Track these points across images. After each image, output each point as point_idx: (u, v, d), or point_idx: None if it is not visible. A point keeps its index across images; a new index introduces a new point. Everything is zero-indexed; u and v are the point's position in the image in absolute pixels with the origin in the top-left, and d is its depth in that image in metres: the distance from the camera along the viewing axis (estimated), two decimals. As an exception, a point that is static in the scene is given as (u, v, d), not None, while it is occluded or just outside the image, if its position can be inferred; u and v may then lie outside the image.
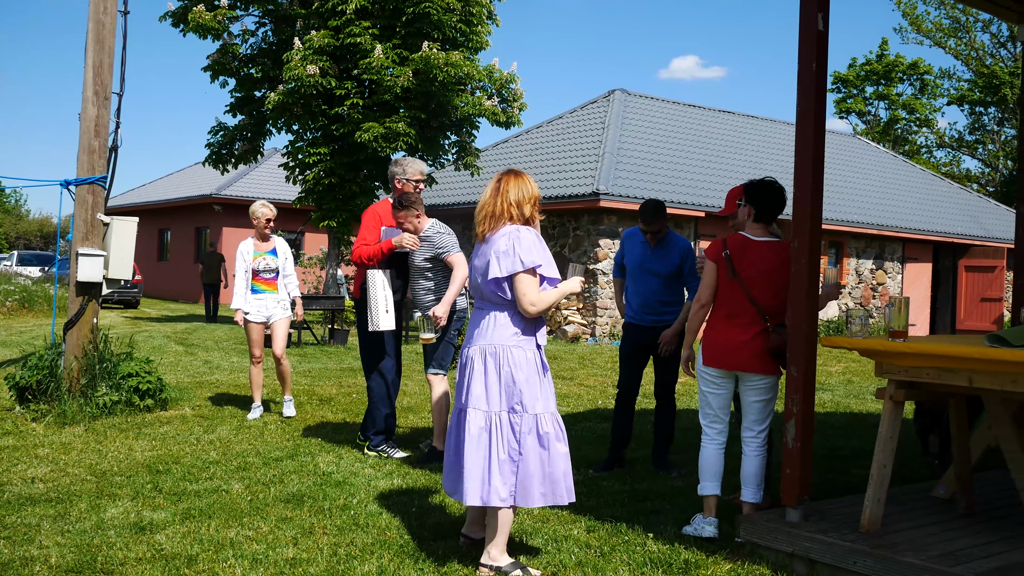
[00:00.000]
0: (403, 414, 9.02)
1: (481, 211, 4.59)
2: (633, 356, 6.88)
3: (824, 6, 4.90)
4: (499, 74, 19.45)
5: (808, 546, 4.56)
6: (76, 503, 5.49)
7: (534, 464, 4.41)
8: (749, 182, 5.31)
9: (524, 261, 4.41)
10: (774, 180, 5.25)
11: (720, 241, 5.21)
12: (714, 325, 5.18)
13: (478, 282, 4.59)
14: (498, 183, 4.58)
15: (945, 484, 5.44)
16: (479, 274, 4.57)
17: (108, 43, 8.64)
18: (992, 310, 25.36)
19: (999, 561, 4.25)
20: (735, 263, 5.10)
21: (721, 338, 5.12)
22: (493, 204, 4.56)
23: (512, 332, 4.49)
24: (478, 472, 4.38)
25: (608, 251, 19.75)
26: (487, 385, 4.46)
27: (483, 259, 4.55)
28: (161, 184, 41.43)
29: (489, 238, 4.55)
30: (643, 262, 6.73)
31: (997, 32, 42.57)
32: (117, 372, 8.60)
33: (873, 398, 11.31)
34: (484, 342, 4.51)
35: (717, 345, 5.12)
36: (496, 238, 4.52)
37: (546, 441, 4.44)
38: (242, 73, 19.63)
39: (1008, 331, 4.33)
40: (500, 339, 4.48)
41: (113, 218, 8.64)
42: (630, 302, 6.85)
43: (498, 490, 4.36)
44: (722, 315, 5.16)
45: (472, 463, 4.39)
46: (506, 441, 4.40)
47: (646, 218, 6.64)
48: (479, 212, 4.61)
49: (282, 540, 4.87)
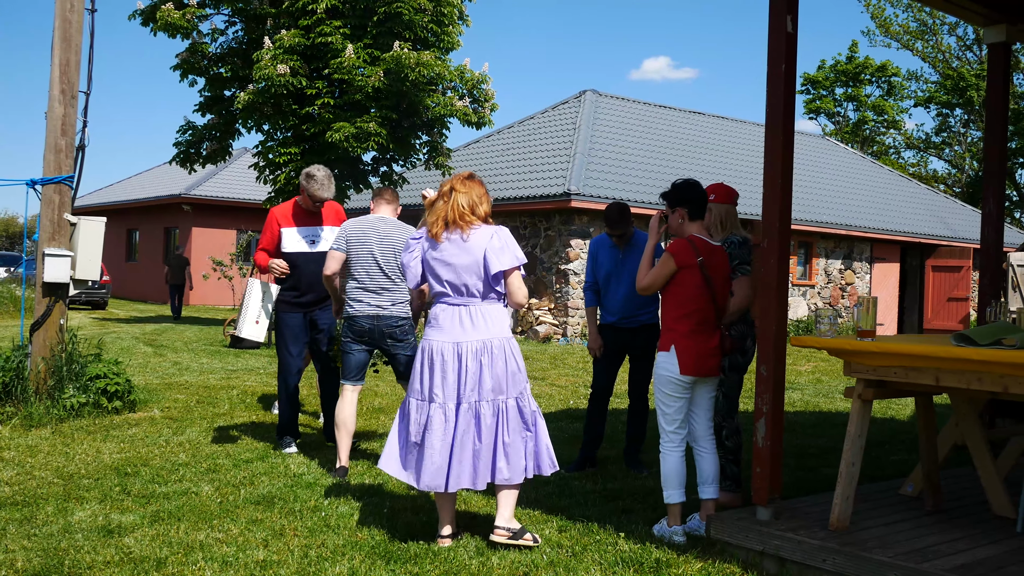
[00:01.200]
0: (375, 415, 9.00)
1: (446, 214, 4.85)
2: (609, 357, 6.89)
3: (793, 8, 4.94)
4: (470, 74, 19.43)
5: (778, 544, 4.59)
6: (43, 506, 5.43)
7: (541, 439, 4.91)
8: (666, 190, 5.24)
9: (518, 257, 4.81)
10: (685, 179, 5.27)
11: (686, 244, 5.05)
12: (688, 334, 5.02)
13: (459, 277, 4.79)
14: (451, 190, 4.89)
15: (913, 482, 5.50)
16: (464, 269, 4.78)
17: (75, 41, 8.56)
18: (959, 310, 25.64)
19: (966, 557, 4.30)
20: (706, 269, 5.05)
21: (700, 346, 5.02)
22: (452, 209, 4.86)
23: (506, 324, 4.90)
24: (518, 455, 4.80)
25: (580, 251, 19.79)
26: (495, 376, 4.78)
27: (468, 256, 4.77)
28: (129, 184, 41.07)
29: (465, 237, 4.79)
30: (615, 266, 6.75)
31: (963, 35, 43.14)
32: (85, 374, 8.52)
33: (842, 397, 11.41)
34: (479, 336, 4.78)
35: (696, 353, 5.01)
36: (477, 236, 4.78)
37: (537, 417, 4.94)
38: (211, 72, 19.49)
39: (974, 330, 4.38)
40: (499, 332, 4.83)
41: (80, 218, 8.55)
42: (606, 305, 6.84)
43: (526, 467, 4.85)
44: (695, 322, 5.02)
45: (514, 449, 4.79)
46: (518, 423, 4.84)
47: (611, 222, 6.67)
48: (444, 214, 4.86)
49: (252, 542, 4.84)
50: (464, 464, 4.76)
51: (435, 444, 4.75)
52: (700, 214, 5.17)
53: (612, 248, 6.79)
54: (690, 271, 5.02)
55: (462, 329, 4.79)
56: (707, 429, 5.20)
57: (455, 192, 4.85)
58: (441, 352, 4.80)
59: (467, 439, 4.76)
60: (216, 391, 10.38)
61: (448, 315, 4.83)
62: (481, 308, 4.81)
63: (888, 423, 9.50)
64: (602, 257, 6.84)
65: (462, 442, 4.75)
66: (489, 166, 24.37)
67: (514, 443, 4.79)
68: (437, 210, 4.87)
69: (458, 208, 4.81)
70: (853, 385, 4.80)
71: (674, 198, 5.18)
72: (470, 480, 4.77)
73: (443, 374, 4.78)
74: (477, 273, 4.78)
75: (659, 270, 5.08)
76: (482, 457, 4.78)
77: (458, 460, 4.76)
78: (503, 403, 4.79)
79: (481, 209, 4.86)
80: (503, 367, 4.80)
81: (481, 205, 4.86)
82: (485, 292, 4.81)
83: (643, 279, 5.15)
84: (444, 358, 4.79)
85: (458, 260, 4.78)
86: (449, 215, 4.81)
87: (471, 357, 4.76)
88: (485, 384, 4.76)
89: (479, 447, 4.77)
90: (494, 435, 4.78)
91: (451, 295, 4.83)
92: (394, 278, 6.37)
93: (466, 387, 4.76)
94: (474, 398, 4.76)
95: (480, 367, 4.76)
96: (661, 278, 5.08)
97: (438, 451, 4.75)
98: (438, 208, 4.87)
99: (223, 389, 10.57)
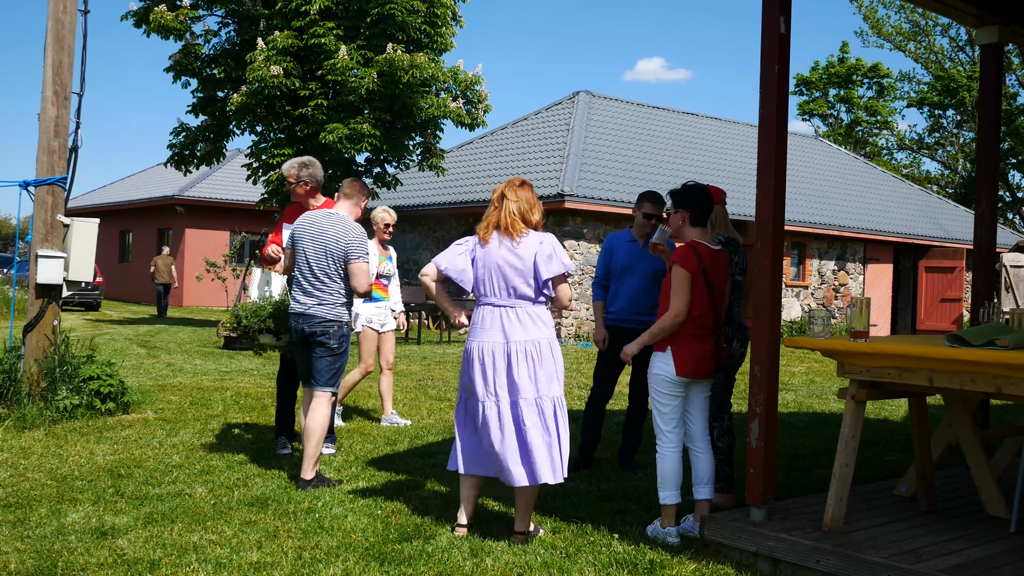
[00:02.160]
0: (368, 416, 8.99)
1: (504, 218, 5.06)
2: (611, 362, 6.83)
3: (786, 9, 4.95)
4: (464, 76, 19.44)
5: (772, 545, 4.59)
6: (36, 508, 5.42)
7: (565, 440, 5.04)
8: (675, 189, 5.27)
9: (565, 264, 5.03)
10: (696, 182, 5.27)
11: (689, 251, 5.05)
12: (686, 337, 5.02)
13: (508, 281, 4.99)
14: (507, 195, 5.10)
15: (907, 482, 5.51)
16: (514, 274, 4.98)
17: (68, 42, 8.53)
18: (952, 310, 25.71)
19: (960, 558, 4.31)
20: (709, 274, 5.06)
21: (697, 349, 5.03)
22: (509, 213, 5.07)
23: (551, 326, 5.08)
24: (544, 455, 4.92)
25: (574, 252, 19.79)
26: (536, 377, 4.95)
27: (519, 261, 4.98)
28: (122, 185, 40.99)
29: (516, 243, 5.00)
30: (632, 260, 6.75)
31: (956, 36, 43.21)
32: (78, 375, 8.50)
33: (835, 398, 11.43)
34: (528, 336, 4.96)
35: (693, 356, 5.02)
36: (527, 242, 5.00)
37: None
38: (204, 73, 19.47)
39: (967, 331, 4.39)
40: (544, 334, 5.01)
41: (73, 219, 8.53)
42: (616, 300, 6.80)
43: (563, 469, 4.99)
44: (696, 327, 5.03)
45: (538, 448, 4.91)
46: (556, 424, 4.98)
47: (655, 199, 6.72)
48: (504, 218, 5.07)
49: (246, 544, 4.83)
50: (522, 458, 4.93)
51: (490, 437, 4.95)
52: (703, 221, 5.19)
53: (630, 243, 6.82)
54: (696, 277, 5.03)
55: (511, 329, 4.97)
56: (703, 430, 5.20)
57: (506, 199, 5.05)
58: (492, 352, 4.97)
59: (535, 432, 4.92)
60: (210, 392, 10.36)
61: (495, 316, 5.02)
62: (528, 310, 5.01)
63: (882, 424, 9.52)
64: (619, 252, 6.84)
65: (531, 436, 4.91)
66: (482, 167, 24.36)
67: (555, 441, 4.97)
68: (489, 215, 5.09)
69: (510, 215, 5.02)
70: (847, 386, 4.81)
71: (681, 200, 5.19)
72: (528, 476, 4.92)
73: (495, 372, 4.97)
74: (526, 278, 4.99)
75: (680, 288, 5.01)
76: (535, 452, 4.92)
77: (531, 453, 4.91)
78: (549, 401, 4.97)
79: (532, 217, 5.06)
80: (552, 366, 5.00)
81: (531, 212, 5.06)
82: (534, 296, 5.02)
83: (674, 306, 5.01)
84: (495, 357, 4.97)
85: (509, 265, 4.99)
86: (502, 221, 5.03)
87: (522, 356, 4.94)
88: (541, 380, 4.95)
89: (533, 442, 4.92)
90: (541, 431, 4.94)
91: (498, 297, 5.03)
92: (323, 278, 6.05)
93: (520, 385, 4.92)
94: (532, 395, 4.93)
95: (532, 365, 4.94)
96: (687, 293, 5.01)
97: (494, 443, 4.95)
98: (490, 213, 5.09)
99: (217, 390, 10.55)
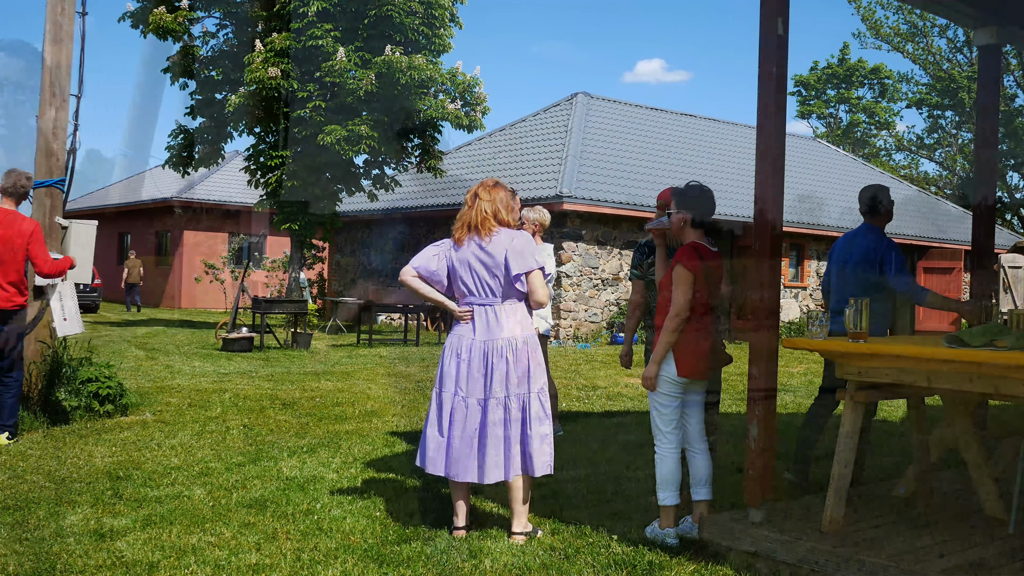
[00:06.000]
0: (367, 418, 8.99)
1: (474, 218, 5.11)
2: None
3: (784, 10, 4.95)
4: (462, 77, 19.45)
5: (771, 546, 4.59)
6: (34, 510, 5.41)
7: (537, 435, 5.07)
8: (679, 188, 5.25)
9: (536, 260, 5.10)
10: (699, 183, 5.25)
11: (691, 251, 5.05)
12: (688, 339, 5.03)
13: (482, 279, 5.05)
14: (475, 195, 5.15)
15: (905, 483, 5.50)
16: (486, 272, 5.03)
17: (66, 44, 8.53)
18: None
19: (959, 559, 4.31)
20: (709, 274, 5.06)
21: (697, 348, 5.04)
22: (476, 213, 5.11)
23: (530, 323, 5.14)
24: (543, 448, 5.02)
25: (572, 254, 19.79)
26: (508, 376, 5.00)
27: (489, 259, 5.03)
28: (121, 187, 40.93)
29: (487, 241, 5.04)
30: None
31: (954, 37, 43.21)
32: (76, 377, 8.49)
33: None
34: (504, 334, 5.02)
35: (695, 356, 5.03)
36: (498, 240, 5.04)
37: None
38: (202, 75, 19.47)
39: (965, 332, 4.40)
40: (520, 332, 5.06)
41: (72, 221, 8.52)
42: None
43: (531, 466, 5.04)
44: (695, 327, 5.04)
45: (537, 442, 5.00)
46: (523, 421, 5.02)
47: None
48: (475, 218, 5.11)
49: (245, 546, 4.83)
50: (493, 456, 4.98)
51: (458, 435, 5.01)
52: (703, 225, 5.19)
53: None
54: (698, 277, 5.04)
55: (488, 328, 5.04)
56: (699, 431, 5.21)
57: (478, 199, 5.12)
58: (469, 348, 5.05)
59: (496, 431, 4.98)
60: (208, 394, 10.35)
61: (475, 314, 5.09)
62: (504, 308, 5.07)
63: (880, 425, 9.51)
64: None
65: (491, 435, 4.97)
66: (481, 169, 24.37)
67: (536, 435, 5.02)
68: (462, 215, 5.15)
69: (481, 213, 5.08)
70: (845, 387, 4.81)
71: (684, 200, 5.18)
72: (502, 472, 4.99)
73: (468, 370, 5.03)
74: (499, 275, 5.05)
75: (683, 287, 4.99)
76: (511, 449, 4.99)
77: (485, 452, 4.98)
78: (526, 398, 5.02)
79: (505, 216, 5.12)
80: (527, 364, 5.04)
81: (505, 212, 5.11)
82: (507, 293, 5.07)
83: (676, 305, 4.98)
84: (471, 354, 5.04)
85: (481, 263, 5.06)
86: (473, 220, 5.09)
87: (497, 355, 5.00)
88: (512, 380, 5.00)
89: (508, 438, 4.99)
90: (520, 427, 5.01)
91: (476, 296, 5.09)
92: None
93: (492, 383, 4.99)
94: (502, 394, 4.98)
95: (507, 364, 5.00)
96: (688, 291, 4.99)
97: (464, 442, 4.99)
98: (463, 213, 5.15)
99: (215, 392, 10.55)
